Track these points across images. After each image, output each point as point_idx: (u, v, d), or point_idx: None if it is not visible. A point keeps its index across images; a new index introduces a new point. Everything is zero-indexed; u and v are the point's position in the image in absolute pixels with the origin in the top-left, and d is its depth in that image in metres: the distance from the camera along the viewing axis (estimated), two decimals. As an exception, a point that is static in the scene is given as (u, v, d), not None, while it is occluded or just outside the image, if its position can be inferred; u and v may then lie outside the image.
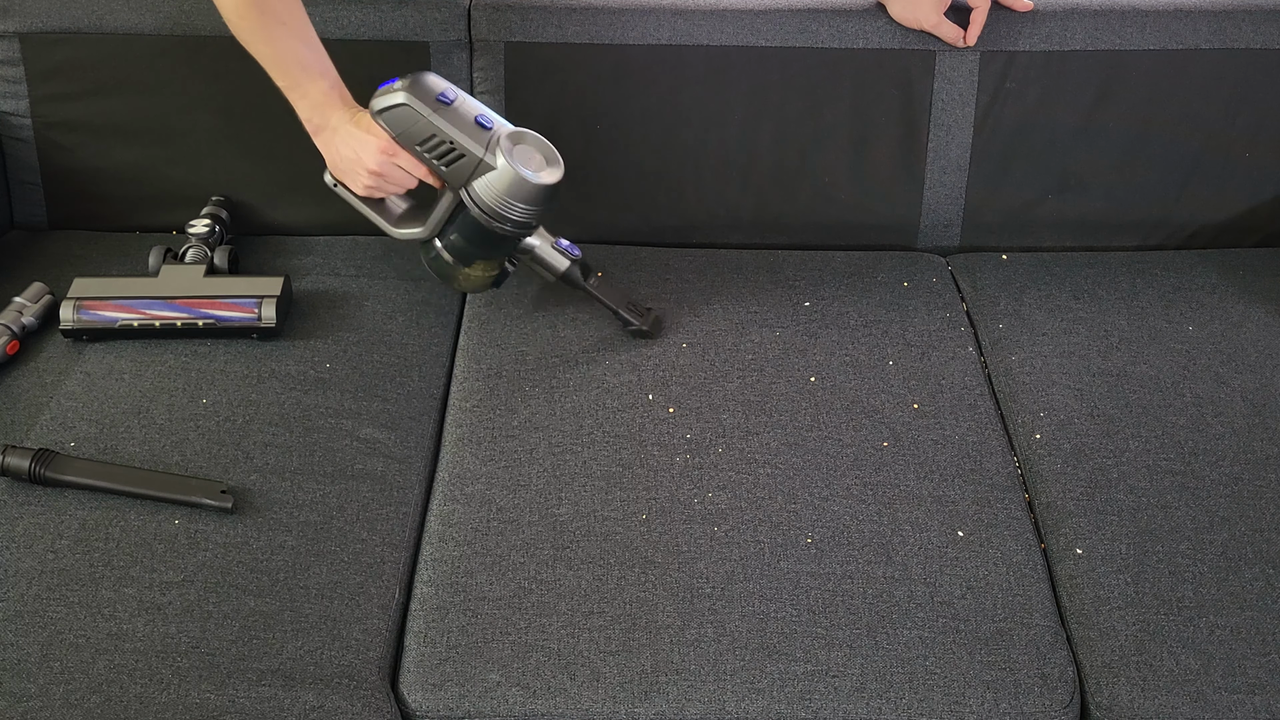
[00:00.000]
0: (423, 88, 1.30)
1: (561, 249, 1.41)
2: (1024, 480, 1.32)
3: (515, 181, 1.30)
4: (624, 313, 1.42)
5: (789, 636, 1.13)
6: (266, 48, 1.30)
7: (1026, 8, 1.54)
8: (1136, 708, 1.10)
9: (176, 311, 1.39)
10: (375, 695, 1.09)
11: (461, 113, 1.31)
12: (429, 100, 1.29)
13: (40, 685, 1.04)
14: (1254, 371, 1.41)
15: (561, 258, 1.41)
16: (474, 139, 1.30)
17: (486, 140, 1.30)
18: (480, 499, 1.25)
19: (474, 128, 1.30)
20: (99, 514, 1.19)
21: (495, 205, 1.31)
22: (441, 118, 1.29)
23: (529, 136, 1.35)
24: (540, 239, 1.40)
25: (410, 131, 1.29)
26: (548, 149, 1.35)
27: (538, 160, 1.33)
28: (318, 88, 1.32)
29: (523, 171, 1.30)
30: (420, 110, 1.28)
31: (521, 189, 1.31)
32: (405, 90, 1.28)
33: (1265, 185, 1.64)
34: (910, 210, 1.64)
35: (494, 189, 1.31)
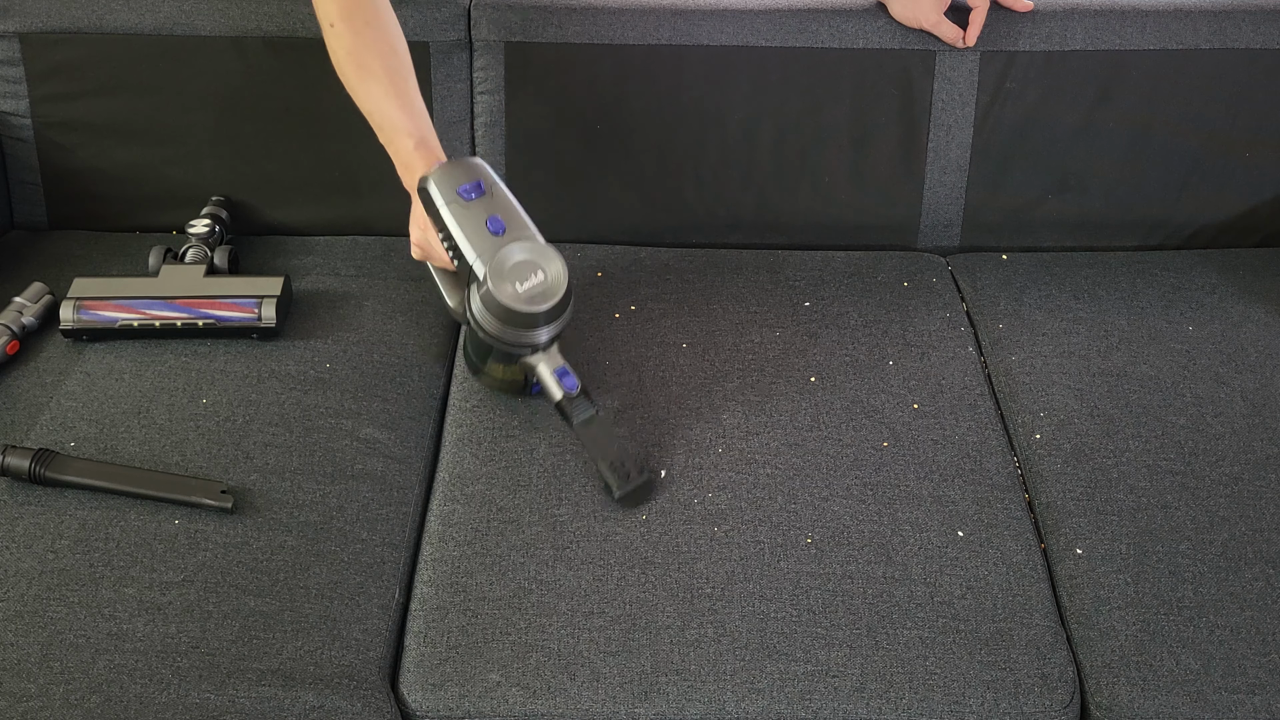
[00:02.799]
0: (451, 175, 1.23)
1: (556, 377, 1.25)
2: (1024, 480, 1.32)
3: (493, 301, 1.19)
4: (601, 469, 1.24)
5: (789, 636, 1.13)
6: (364, 103, 1.30)
7: (1026, 8, 1.54)
8: (1136, 708, 1.10)
9: (176, 311, 1.39)
10: (375, 695, 1.09)
11: (474, 212, 1.21)
12: (448, 190, 1.22)
13: (40, 685, 1.04)
14: (1254, 371, 1.41)
15: (555, 388, 1.25)
16: (473, 244, 1.20)
17: (485, 248, 1.20)
18: (480, 499, 1.25)
19: (480, 232, 1.20)
20: (99, 514, 1.19)
21: (480, 318, 1.22)
22: (449, 212, 1.21)
23: (539, 251, 1.21)
24: (547, 358, 1.26)
25: (433, 218, 1.24)
26: (553, 269, 1.20)
27: (532, 283, 1.19)
28: (405, 147, 1.29)
29: (499, 293, 1.18)
30: (436, 199, 1.22)
31: (500, 309, 1.19)
32: (434, 175, 1.23)
33: (1265, 185, 1.64)
34: (910, 210, 1.64)
35: (479, 302, 1.21)
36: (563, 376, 1.25)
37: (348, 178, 1.62)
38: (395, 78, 1.30)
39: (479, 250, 1.20)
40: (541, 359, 1.26)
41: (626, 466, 1.24)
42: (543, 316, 1.20)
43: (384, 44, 1.30)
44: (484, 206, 1.22)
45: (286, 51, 1.55)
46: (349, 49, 1.29)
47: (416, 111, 1.30)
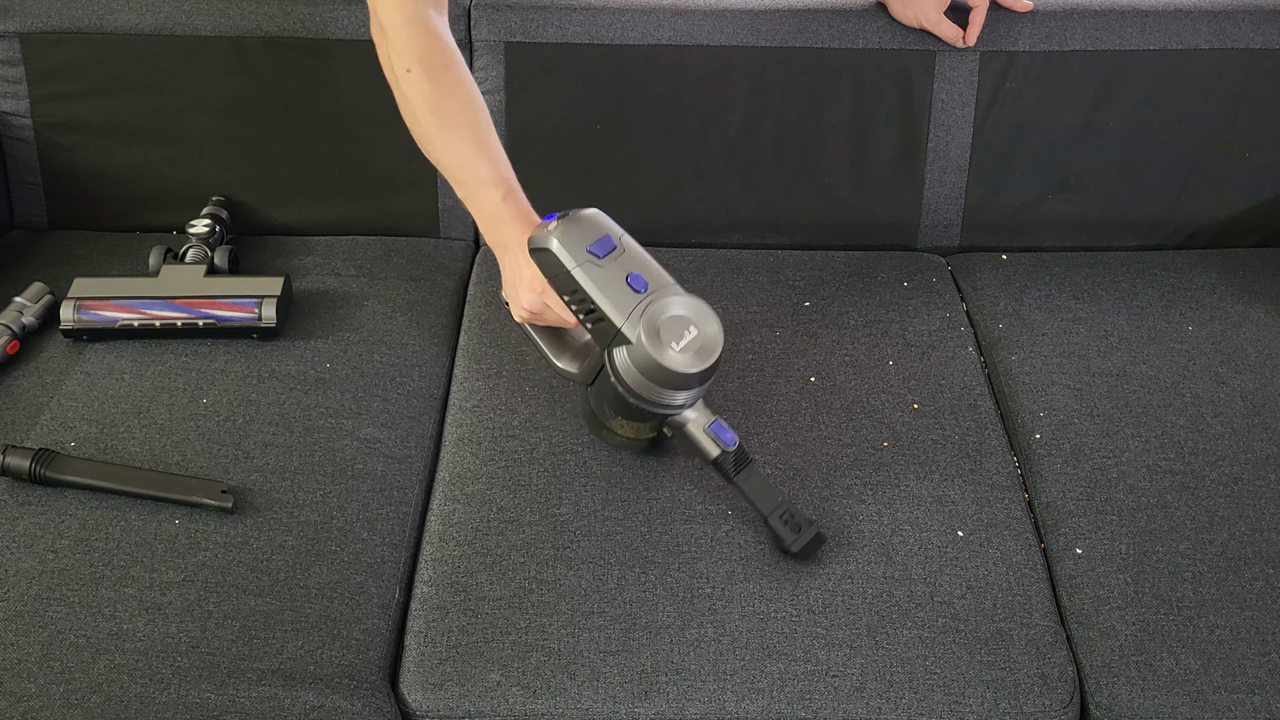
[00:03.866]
0: (575, 234, 1.15)
1: (712, 434, 1.21)
2: (1024, 480, 1.32)
3: (648, 362, 1.13)
4: (775, 524, 1.19)
5: (789, 636, 1.13)
6: (443, 156, 1.23)
7: (1026, 8, 1.54)
8: (1136, 708, 1.10)
9: (177, 311, 1.39)
10: (375, 695, 1.09)
11: (612, 270, 1.15)
12: (577, 251, 1.14)
13: (40, 685, 1.04)
14: (1254, 371, 1.41)
15: (712, 445, 1.20)
16: (616, 304, 1.14)
17: (632, 308, 1.14)
18: (480, 499, 1.25)
19: (623, 290, 1.14)
20: (99, 514, 1.19)
21: (629, 381, 1.15)
22: (584, 273, 1.14)
23: (692, 307, 1.16)
24: (697, 414, 1.21)
25: (557, 280, 1.16)
26: (710, 326, 1.16)
27: (688, 339, 1.14)
28: (490, 200, 1.22)
29: (657, 354, 1.13)
30: (565, 262, 1.14)
31: (656, 371, 1.13)
32: (556, 234, 1.15)
33: (1265, 185, 1.64)
34: (910, 210, 1.64)
35: (629, 364, 1.14)
36: (720, 433, 1.20)
37: (348, 178, 1.62)
38: (477, 126, 1.23)
39: (625, 311, 1.14)
40: (691, 415, 1.21)
41: (796, 519, 1.20)
42: (698, 377, 1.15)
43: (464, 91, 1.23)
44: (620, 264, 1.16)
45: (286, 51, 1.55)
46: (427, 96, 1.21)
47: (501, 161, 1.24)
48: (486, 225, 1.24)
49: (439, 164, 1.25)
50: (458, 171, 1.24)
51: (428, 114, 1.22)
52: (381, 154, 1.61)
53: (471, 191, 1.24)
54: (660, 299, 1.15)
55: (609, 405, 1.23)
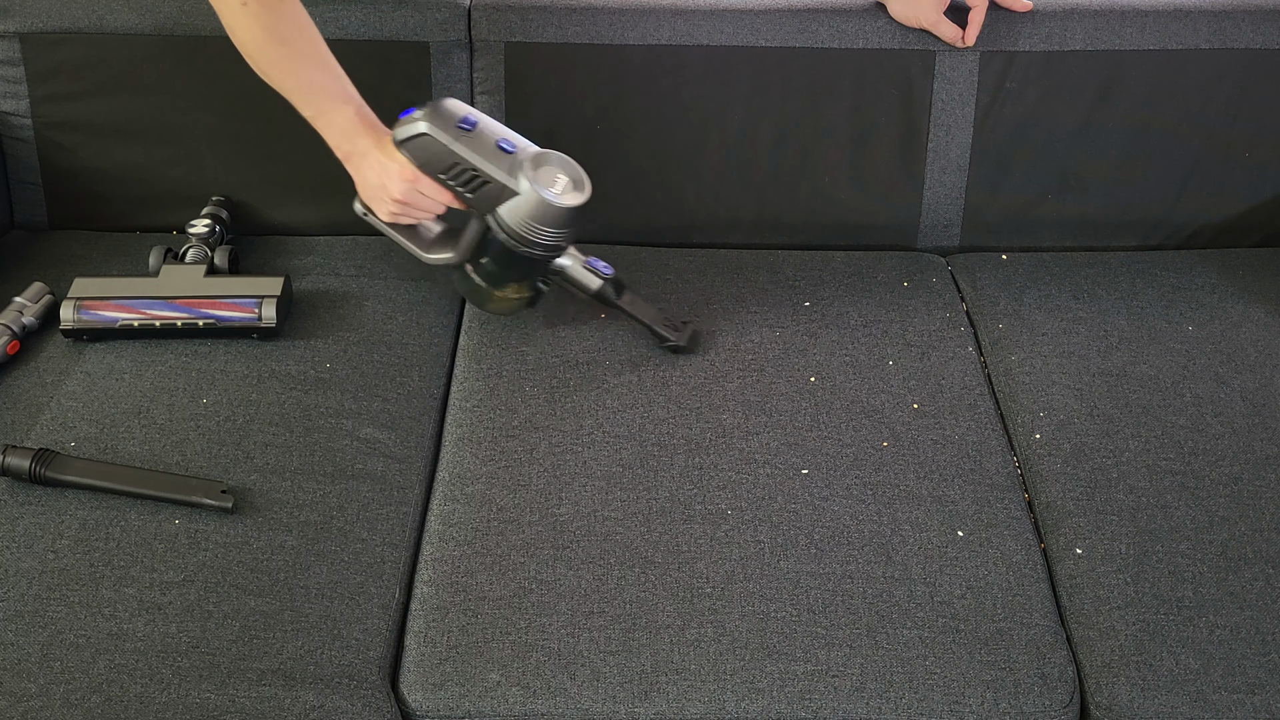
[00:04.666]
0: (443, 115, 1.28)
1: (593, 268, 1.40)
2: (1024, 480, 1.32)
3: (539, 206, 1.28)
4: (659, 329, 1.40)
5: (789, 636, 1.13)
6: (290, 80, 1.30)
7: (1026, 8, 1.54)
8: (1136, 708, 1.10)
9: (177, 311, 1.39)
10: (375, 695, 1.09)
11: (483, 139, 1.29)
12: (449, 128, 1.27)
13: (40, 685, 1.04)
14: (1254, 371, 1.41)
15: (594, 277, 1.40)
16: (497, 165, 1.28)
17: (509, 165, 1.28)
18: (480, 499, 1.25)
19: (496, 153, 1.28)
20: (99, 514, 1.19)
21: (521, 230, 1.30)
22: (463, 145, 1.27)
23: (553, 158, 1.32)
24: (571, 259, 1.39)
25: (433, 160, 1.28)
26: (573, 170, 1.33)
27: (563, 182, 1.31)
28: (343, 115, 1.31)
29: (546, 195, 1.28)
30: (441, 139, 1.27)
31: (547, 213, 1.29)
32: (425, 119, 1.27)
33: (1265, 185, 1.64)
34: (910, 210, 1.64)
35: (519, 214, 1.29)
36: (595, 265, 1.40)
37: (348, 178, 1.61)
38: (320, 49, 1.30)
39: (507, 169, 1.28)
40: (567, 260, 1.38)
41: (674, 322, 1.42)
42: (581, 211, 1.30)
43: (302, 17, 1.29)
44: (487, 133, 1.29)
45: (286, 51, 1.54)
46: (268, 25, 1.26)
47: (346, 79, 1.31)
48: (340, 138, 1.32)
49: (285, 87, 1.30)
50: (306, 92, 1.30)
51: (271, 41, 1.28)
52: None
53: (321, 109, 1.31)
54: (528, 153, 1.29)
55: (493, 272, 1.37)
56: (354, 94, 1.32)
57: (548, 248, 1.32)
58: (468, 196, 1.30)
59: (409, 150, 1.28)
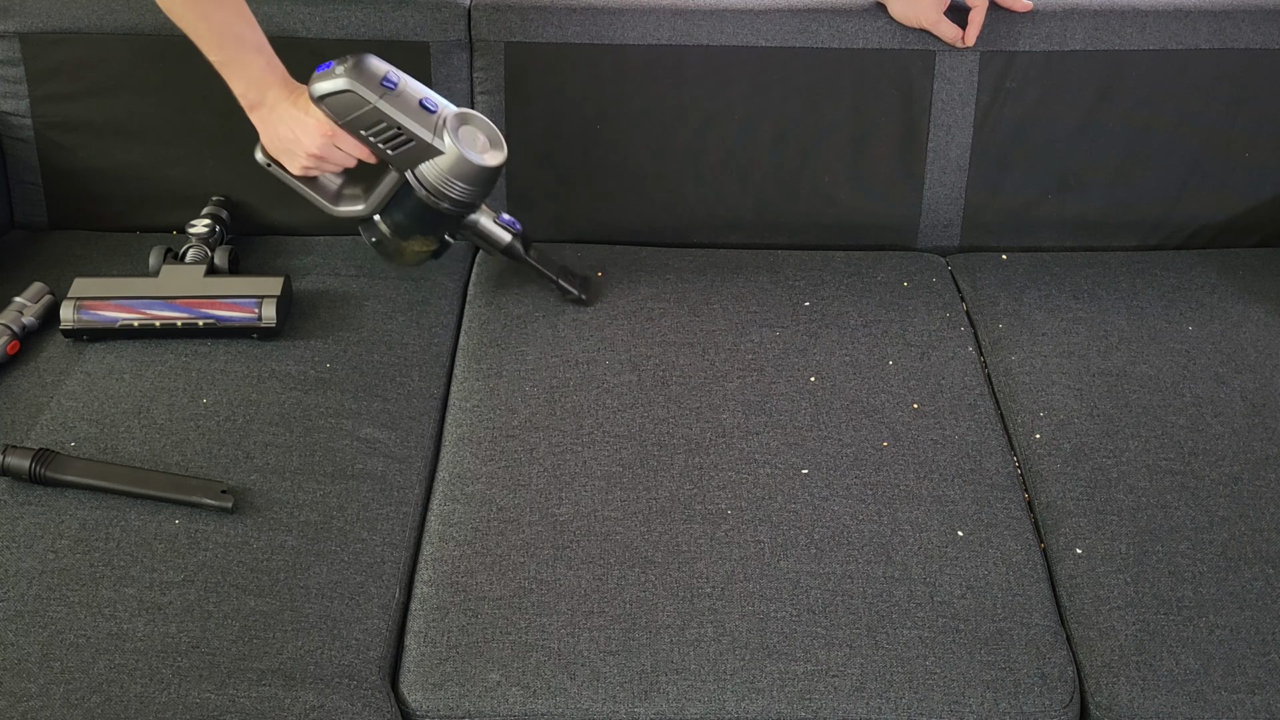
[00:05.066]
0: (366, 72, 1.28)
1: (504, 224, 1.45)
2: (1024, 480, 1.32)
3: (461, 164, 1.32)
4: (562, 281, 1.47)
5: (789, 636, 1.13)
6: (201, 22, 1.27)
7: (1026, 8, 1.54)
8: (1136, 708, 1.10)
9: (177, 311, 1.39)
10: (375, 695, 1.09)
11: (406, 97, 1.30)
12: (373, 85, 1.27)
13: (40, 685, 1.04)
14: (1254, 371, 1.41)
15: (503, 232, 1.45)
16: (421, 123, 1.30)
17: (433, 124, 1.30)
18: (480, 499, 1.25)
19: (420, 111, 1.30)
20: (99, 514, 1.19)
21: (440, 186, 1.33)
22: (387, 103, 1.28)
23: (473, 118, 1.35)
24: (483, 215, 1.43)
25: (355, 117, 1.28)
26: (490, 130, 1.36)
27: (481, 141, 1.35)
28: (255, 64, 1.29)
29: (469, 155, 1.32)
30: (365, 95, 1.27)
31: (468, 171, 1.32)
32: (348, 75, 1.27)
33: (1265, 185, 1.64)
34: (910, 210, 1.64)
35: (440, 171, 1.32)
36: (506, 221, 1.45)
37: (348, 178, 1.62)
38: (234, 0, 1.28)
39: (428, 126, 1.30)
40: (481, 213, 1.43)
41: (575, 274, 1.49)
42: (498, 170, 1.36)
43: None
44: (409, 92, 1.31)
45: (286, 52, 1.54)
46: None
47: (259, 30, 1.30)
48: (248, 87, 1.31)
49: (196, 30, 1.28)
50: (216, 37, 1.29)
51: None
52: (381, 154, 1.61)
53: (233, 55, 1.29)
54: (448, 112, 1.32)
55: (408, 224, 1.40)
56: (266, 45, 1.31)
57: (464, 204, 1.36)
58: (388, 153, 1.32)
59: (328, 105, 1.28)
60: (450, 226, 1.42)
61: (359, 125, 1.29)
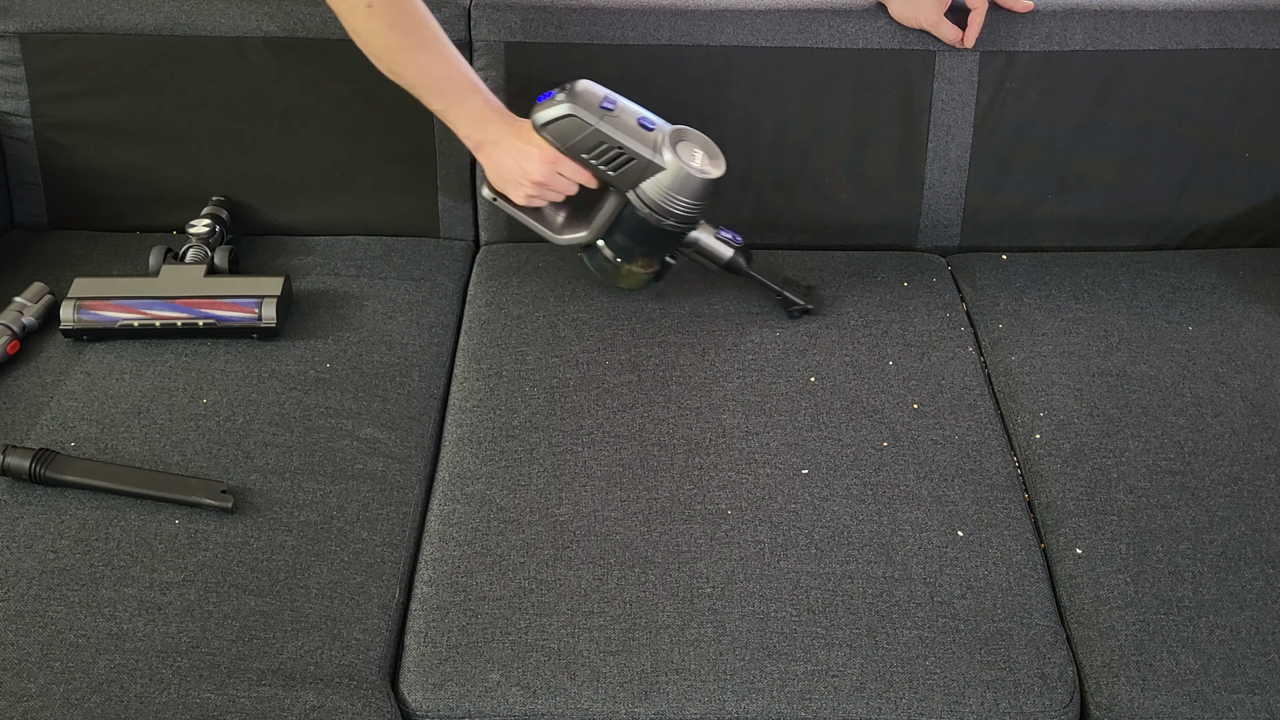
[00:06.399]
0: (585, 97, 1.32)
1: (725, 238, 1.44)
2: (1024, 480, 1.32)
3: (684, 178, 1.33)
4: (787, 293, 1.46)
5: (789, 636, 1.13)
6: (419, 74, 1.32)
7: (1026, 8, 1.54)
8: (1136, 708, 1.10)
9: (177, 311, 1.39)
10: (375, 695, 1.09)
11: (624, 118, 1.33)
12: (593, 109, 1.31)
13: (40, 685, 1.04)
14: (1254, 371, 1.41)
15: (725, 247, 1.44)
16: (641, 141, 1.32)
17: (653, 141, 1.33)
18: (480, 499, 1.25)
19: (639, 130, 1.33)
20: (99, 514, 1.19)
21: (663, 202, 1.35)
22: (608, 124, 1.31)
23: (689, 133, 1.37)
24: (703, 231, 1.43)
25: (577, 141, 1.32)
26: (707, 143, 1.38)
27: (700, 156, 1.36)
28: (473, 104, 1.34)
29: (691, 169, 1.33)
30: (587, 119, 1.31)
31: (689, 185, 1.34)
32: (569, 101, 1.31)
33: (1265, 185, 1.64)
34: (910, 210, 1.64)
35: (662, 187, 1.34)
36: (725, 234, 1.45)
37: (348, 178, 1.62)
38: (443, 41, 1.32)
39: (648, 144, 1.33)
40: (700, 230, 1.43)
41: (799, 285, 1.48)
42: (719, 181, 1.36)
43: (420, 10, 1.31)
44: (627, 112, 1.34)
45: (286, 51, 1.55)
46: (392, 22, 1.29)
47: (470, 69, 1.35)
48: (471, 128, 1.35)
49: (414, 82, 1.33)
50: (434, 85, 1.32)
51: (397, 36, 1.30)
52: (381, 154, 1.61)
53: (452, 100, 1.33)
54: (666, 130, 1.34)
55: (630, 245, 1.41)
56: (479, 83, 1.35)
57: (686, 219, 1.37)
58: (609, 174, 1.34)
59: (551, 132, 1.32)
60: (672, 244, 1.43)
61: (581, 149, 1.32)
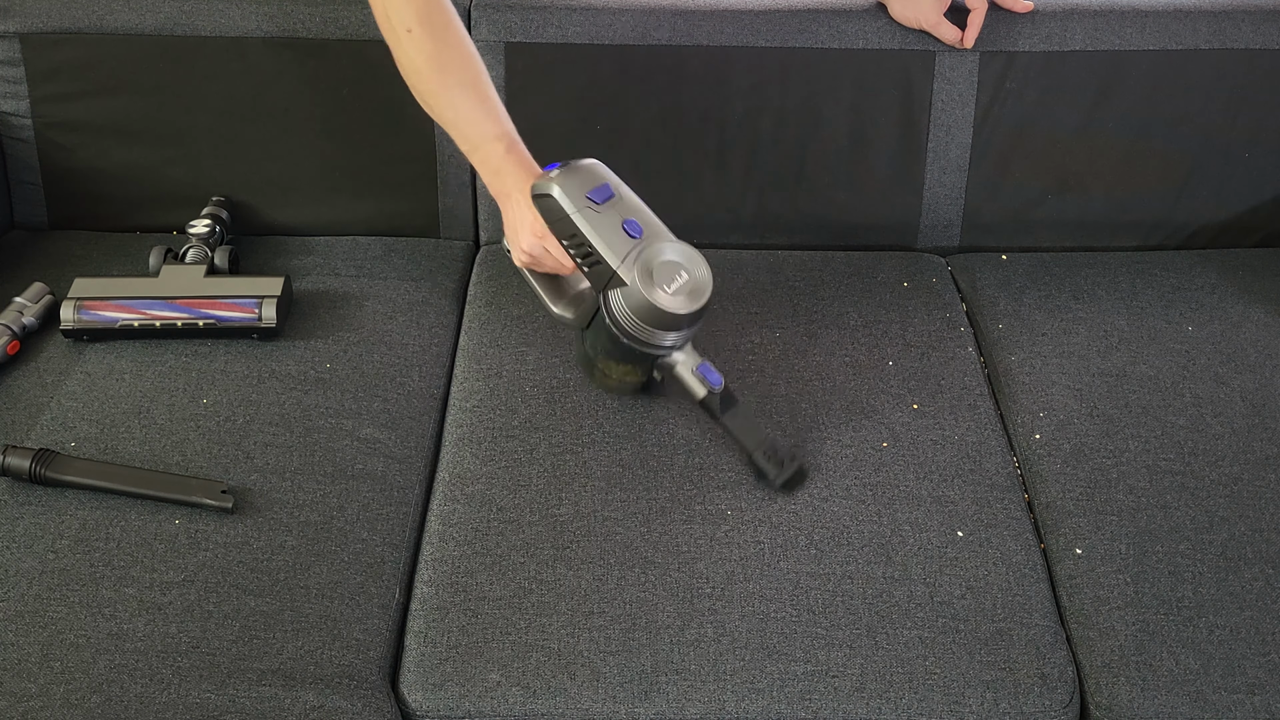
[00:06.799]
0: (575, 181, 1.23)
1: (700, 375, 1.27)
2: (1024, 480, 1.32)
3: (642, 303, 1.21)
4: (757, 459, 1.26)
5: (789, 636, 1.13)
6: (448, 112, 1.27)
7: (1026, 9, 1.54)
8: (1136, 708, 1.10)
9: (177, 312, 1.39)
10: (375, 695, 1.09)
11: (608, 217, 1.23)
12: (577, 197, 1.22)
13: (40, 685, 1.04)
14: (1254, 371, 1.41)
15: (699, 385, 1.27)
16: (612, 248, 1.22)
17: (626, 251, 1.22)
18: (480, 499, 1.25)
19: (618, 235, 1.22)
20: (99, 514, 1.19)
21: (622, 320, 1.23)
22: (583, 218, 1.22)
23: (684, 253, 1.24)
24: (686, 357, 1.28)
25: (556, 224, 1.24)
26: (700, 270, 1.24)
27: (680, 282, 1.22)
28: (495, 153, 1.27)
29: (650, 295, 1.20)
30: (565, 207, 1.22)
31: (649, 312, 1.21)
32: (558, 182, 1.23)
33: (1265, 185, 1.64)
34: (910, 210, 1.64)
35: (623, 304, 1.22)
36: (707, 374, 1.27)
37: (348, 178, 1.62)
38: (479, 83, 1.27)
39: (620, 254, 1.22)
40: (679, 357, 1.28)
41: (779, 454, 1.26)
42: (689, 318, 1.22)
43: (464, 48, 1.27)
44: (617, 210, 1.24)
45: (286, 51, 1.55)
46: (430, 54, 1.24)
47: (503, 116, 1.28)
48: (491, 176, 1.29)
49: (442, 120, 1.29)
50: (462, 127, 1.28)
51: (432, 72, 1.25)
52: (381, 154, 1.61)
53: (475, 145, 1.28)
54: (653, 244, 1.23)
55: (603, 348, 1.30)
56: (510, 131, 1.28)
57: (646, 344, 1.25)
58: (584, 269, 1.25)
59: (539, 206, 1.25)
60: (645, 361, 1.29)
61: (560, 233, 1.24)
